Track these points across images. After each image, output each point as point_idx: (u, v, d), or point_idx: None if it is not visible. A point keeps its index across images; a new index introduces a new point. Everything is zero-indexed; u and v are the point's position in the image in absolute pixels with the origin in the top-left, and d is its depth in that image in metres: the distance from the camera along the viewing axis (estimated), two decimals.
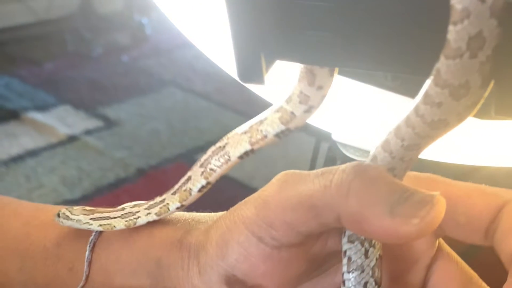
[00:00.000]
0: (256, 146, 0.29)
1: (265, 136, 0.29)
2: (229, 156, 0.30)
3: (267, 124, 0.29)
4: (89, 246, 0.33)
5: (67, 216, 0.34)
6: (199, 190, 0.32)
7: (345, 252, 0.26)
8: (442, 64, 0.19)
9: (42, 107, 1.70)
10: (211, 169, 0.31)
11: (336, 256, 0.28)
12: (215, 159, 0.31)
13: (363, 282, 0.26)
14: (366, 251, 0.25)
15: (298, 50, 0.21)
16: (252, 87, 0.41)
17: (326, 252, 0.28)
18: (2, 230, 0.35)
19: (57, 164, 1.46)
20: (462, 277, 0.28)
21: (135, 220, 0.33)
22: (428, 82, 0.20)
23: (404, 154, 0.24)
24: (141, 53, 2.13)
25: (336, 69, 0.25)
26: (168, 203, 0.32)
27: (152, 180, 1.43)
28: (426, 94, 0.21)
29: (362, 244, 0.25)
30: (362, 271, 0.25)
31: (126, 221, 0.33)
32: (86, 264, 0.33)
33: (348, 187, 0.23)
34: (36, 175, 1.41)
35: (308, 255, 0.28)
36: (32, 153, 1.49)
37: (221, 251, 0.28)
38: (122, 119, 1.69)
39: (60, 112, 1.70)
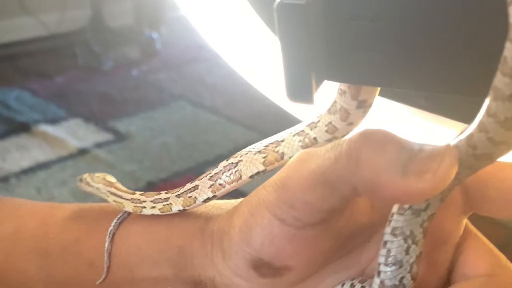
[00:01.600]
0: (269, 167, 0.29)
1: (281, 158, 0.29)
2: (240, 175, 0.30)
3: (284, 146, 0.29)
4: (109, 237, 0.33)
5: (88, 182, 0.35)
6: (204, 201, 0.31)
7: (386, 243, 0.25)
8: (508, 49, 0.18)
9: (53, 120, 1.71)
10: (220, 184, 0.31)
11: (361, 234, 0.28)
12: (226, 175, 0.31)
13: (399, 276, 0.25)
14: (408, 248, 0.25)
15: (349, 70, 0.21)
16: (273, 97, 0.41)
17: (350, 228, 0.28)
18: (19, 230, 0.35)
19: (68, 177, 1.46)
20: (491, 258, 0.27)
21: (141, 208, 0.33)
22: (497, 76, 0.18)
23: (474, 163, 0.22)
24: (151, 68, 2.15)
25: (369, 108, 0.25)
26: (171, 203, 0.32)
27: None
28: (495, 88, 0.19)
29: (405, 241, 0.24)
30: (400, 266, 0.25)
31: (135, 206, 0.33)
32: (106, 255, 0.32)
33: (357, 156, 0.22)
34: (46, 188, 1.41)
35: (332, 232, 0.27)
36: (43, 166, 1.49)
37: (245, 236, 0.28)
38: (132, 132, 1.69)
39: (71, 125, 1.70)
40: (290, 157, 0.29)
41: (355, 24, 0.20)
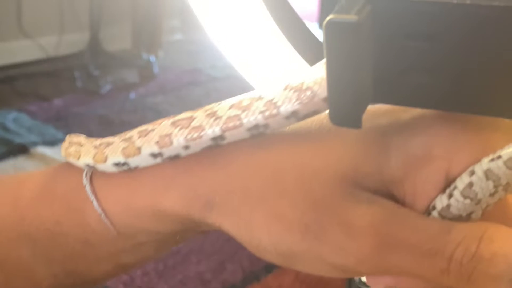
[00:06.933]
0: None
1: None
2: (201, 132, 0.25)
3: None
4: (93, 199, 0.29)
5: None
6: (153, 156, 0.26)
7: (472, 174, 0.22)
8: None
9: (51, 142, 1.70)
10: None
11: None
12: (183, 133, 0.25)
13: (470, 210, 0.22)
14: (495, 192, 0.22)
15: (400, 92, 0.20)
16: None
17: None
18: None
19: None
20: None
21: (76, 158, 0.29)
22: None
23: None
24: (149, 91, 2.15)
25: None
26: (107, 155, 0.27)
27: None
28: None
29: (496, 187, 0.22)
30: (477, 204, 0.22)
31: (74, 151, 0.30)
32: (104, 219, 0.29)
33: (468, 277, 0.22)
34: None
35: None
36: None
37: (284, 260, 0.25)
38: None
39: None
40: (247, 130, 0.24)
41: (409, 43, 0.19)
